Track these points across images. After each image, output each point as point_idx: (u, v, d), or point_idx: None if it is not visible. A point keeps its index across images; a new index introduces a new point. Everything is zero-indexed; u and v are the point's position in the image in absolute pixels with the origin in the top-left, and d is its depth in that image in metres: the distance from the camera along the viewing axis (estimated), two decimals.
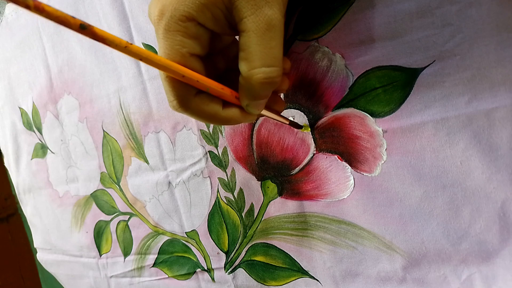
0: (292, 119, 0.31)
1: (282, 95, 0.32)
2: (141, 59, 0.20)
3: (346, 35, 0.28)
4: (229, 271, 0.39)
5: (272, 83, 0.22)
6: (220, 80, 0.23)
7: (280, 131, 0.33)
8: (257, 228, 0.36)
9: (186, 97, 0.23)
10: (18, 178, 0.59)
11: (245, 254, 0.37)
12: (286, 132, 0.32)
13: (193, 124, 0.37)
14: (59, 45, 0.46)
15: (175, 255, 0.43)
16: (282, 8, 0.22)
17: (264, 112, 0.26)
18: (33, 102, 0.51)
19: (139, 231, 0.45)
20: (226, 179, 0.37)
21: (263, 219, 0.35)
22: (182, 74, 0.21)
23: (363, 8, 0.27)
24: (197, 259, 0.41)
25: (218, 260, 0.40)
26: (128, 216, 0.46)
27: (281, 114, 0.31)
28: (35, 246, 0.61)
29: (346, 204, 0.31)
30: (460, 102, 0.25)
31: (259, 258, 0.37)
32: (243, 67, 0.22)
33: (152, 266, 0.45)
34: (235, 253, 0.38)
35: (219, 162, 0.37)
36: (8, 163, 0.60)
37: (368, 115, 0.28)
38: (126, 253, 0.47)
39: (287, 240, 0.35)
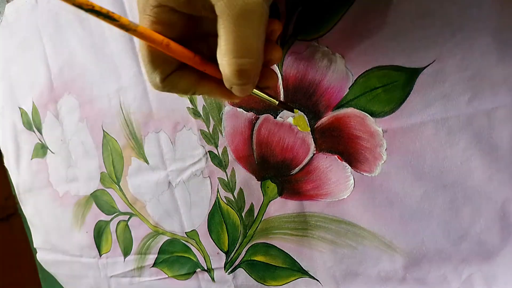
0: (282, 100, 0.29)
1: (282, 95, 0.32)
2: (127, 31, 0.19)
3: (346, 35, 0.28)
4: (229, 271, 0.39)
5: (245, 75, 0.20)
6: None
7: (280, 131, 0.33)
8: (257, 228, 0.36)
9: (164, 73, 0.22)
10: (18, 178, 0.59)
11: (245, 254, 0.37)
12: (286, 132, 0.32)
13: (193, 124, 0.37)
14: (59, 45, 0.46)
15: (175, 255, 0.43)
16: None
17: (253, 91, 0.25)
18: (33, 102, 0.51)
19: (139, 231, 0.45)
20: (226, 179, 0.37)
21: (263, 219, 0.35)
22: (166, 44, 0.21)
23: (363, 8, 0.27)
24: (197, 259, 0.41)
25: (218, 260, 0.40)
26: (128, 216, 0.46)
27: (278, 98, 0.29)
28: (35, 246, 0.60)
29: (346, 204, 0.31)
30: (460, 102, 0.25)
31: (259, 258, 0.37)
32: (218, 54, 0.20)
33: (152, 266, 0.45)
34: (235, 253, 0.38)
35: (219, 162, 0.37)
36: (8, 163, 0.59)
37: (368, 115, 0.28)
38: (126, 253, 0.47)
39: (287, 240, 0.35)
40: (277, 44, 0.24)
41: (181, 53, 0.21)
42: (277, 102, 0.28)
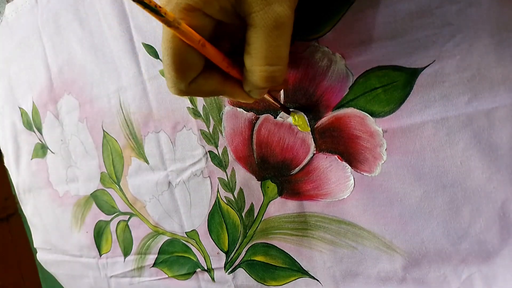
0: (282, 103, 0.31)
1: (282, 95, 0.32)
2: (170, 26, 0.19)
3: (346, 35, 0.28)
4: (229, 271, 0.39)
5: (274, 81, 0.22)
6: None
7: (280, 131, 0.33)
8: (257, 228, 0.36)
9: (187, 79, 0.22)
10: (18, 178, 0.59)
11: (245, 254, 0.37)
12: (286, 132, 0.32)
13: (193, 124, 0.37)
14: (59, 45, 0.46)
15: (175, 255, 0.43)
16: (293, 4, 0.21)
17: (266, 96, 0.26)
18: (33, 102, 0.51)
19: (139, 231, 0.45)
20: (226, 179, 0.37)
21: (263, 219, 0.36)
22: (202, 43, 0.21)
23: (363, 8, 0.27)
24: (197, 259, 0.41)
25: (218, 260, 0.40)
26: (128, 216, 0.46)
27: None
28: (35, 246, 0.61)
29: (346, 204, 0.31)
30: (460, 102, 0.25)
31: (259, 258, 0.37)
32: (247, 61, 0.22)
33: (152, 266, 0.45)
34: (235, 253, 0.38)
35: (219, 162, 0.37)
36: (8, 163, 0.59)
37: (368, 115, 0.28)
38: (126, 253, 0.47)
39: (287, 240, 0.35)
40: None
41: (214, 54, 0.22)
42: (279, 105, 0.29)
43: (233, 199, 0.37)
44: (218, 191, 0.38)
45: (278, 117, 0.32)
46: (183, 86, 0.23)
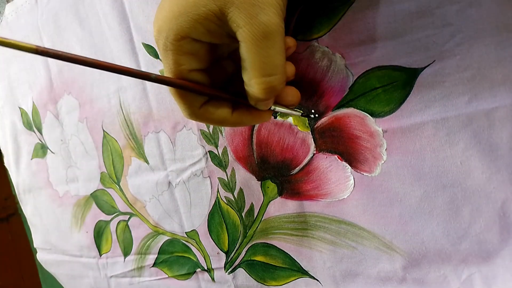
0: (302, 112, 0.31)
1: None
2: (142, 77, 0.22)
3: (346, 35, 0.28)
4: (229, 271, 0.39)
5: (273, 91, 0.22)
6: (232, 82, 0.24)
7: (280, 131, 0.33)
8: (257, 228, 0.36)
9: (193, 106, 0.24)
10: (18, 178, 0.59)
11: (245, 254, 0.37)
12: (286, 132, 0.32)
13: (193, 124, 0.37)
14: (59, 45, 0.46)
15: (175, 255, 0.43)
16: (280, 10, 0.21)
17: (276, 107, 0.26)
18: (33, 102, 0.51)
19: (139, 231, 0.45)
20: (226, 179, 0.37)
21: (263, 219, 0.36)
22: (180, 86, 0.23)
23: (363, 8, 0.27)
24: (197, 259, 0.41)
25: (218, 260, 0.40)
26: (128, 216, 0.46)
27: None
28: (35, 246, 0.60)
29: (346, 204, 0.31)
30: (460, 102, 0.25)
31: (259, 258, 0.37)
32: (244, 76, 0.22)
33: (152, 266, 0.45)
34: (235, 253, 0.38)
35: (219, 162, 0.37)
36: (8, 163, 0.59)
37: (368, 115, 0.28)
38: (126, 253, 0.47)
39: (287, 240, 0.35)
40: (289, 61, 0.26)
41: (193, 86, 0.23)
42: (300, 114, 0.29)
43: (233, 199, 0.37)
44: (218, 191, 0.38)
45: (278, 117, 0.32)
46: (191, 111, 0.24)
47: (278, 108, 0.26)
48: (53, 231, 0.56)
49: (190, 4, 0.20)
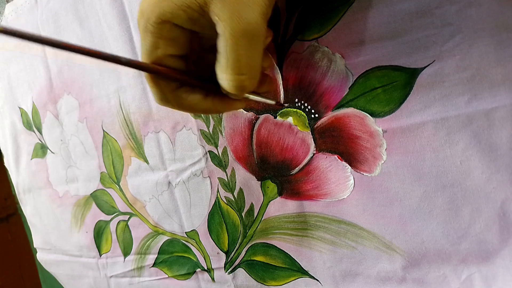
0: (276, 101, 0.30)
1: (281, 94, 0.32)
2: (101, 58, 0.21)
3: (346, 35, 0.28)
4: (229, 271, 0.39)
5: (243, 89, 0.22)
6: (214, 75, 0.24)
7: (280, 131, 0.33)
8: (257, 228, 0.36)
9: (166, 91, 0.23)
10: (18, 178, 0.59)
11: (245, 254, 0.37)
12: (286, 132, 0.32)
13: (193, 124, 0.37)
14: None
15: (175, 255, 0.43)
16: (266, 10, 0.20)
17: (250, 96, 0.25)
18: (33, 102, 0.51)
19: (139, 231, 0.45)
20: (226, 179, 0.37)
21: (263, 219, 0.35)
22: (150, 69, 0.22)
23: (363, 8, 0.27)
24: (197, 259, 0.41)
25: (218, 260, 0.40)
26: (128, 216, 0.46)
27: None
28: (35, 246, 0.60)
29: (346, 204, 0.31)
30: (460, 102, 0.25)
31: (259, 258, 0.37)
32: (217, 69, 0.22)
33: (152, 266, 0.45)
34: (235, 253, 0.38)
35: (219, 162, 0.37)
36: (8, 163, 0.59)
37: (368, 115, 0.28)
38: (126, 253, 0.47)
39: (287, 240, 0.35)
40: (267, 52, 0.26)
41: (167, 71, 0.23)
42: (274, 102, 0.29)
43: (233, 199, 0.37)
44: (218, 191, 0.38)
45: (277, 117, 0.32)
46: (162, 96, 0.24)
47: (252, 97, 0.26)
48: (53, 231, 0.56)
49: None
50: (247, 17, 0.19)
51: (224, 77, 0.21)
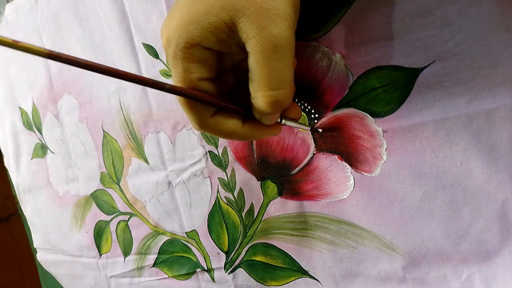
0: (306, 124, 0.31)
1: None
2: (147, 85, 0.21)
3: (346, 35, 0.28)
4: (229, 271, 0.39)
5: (279, 105, 0.22)
6: (231, 95, 0.24)
7: None
8: (257, 228, 0.36)
9: (203, 117, 0.23)
10: (18, 178, 0.59)
11: (245, 254, 0.37)
12: (286, 132, 0.32)
13: None
14: (59, 45, 0.46)
15: (175, 255, 0.43)
16: (292, 23, 0.20)
17: (287, 122, 0.26)
18: (33, 102, 0.51)
19: (139, 231, 0.45)
20: (226, 179, 0.37)
21: (263, 219, 0.35)
22: (193, 96, 0.22)
23: (363, 8, 0.27)
24: (197, 259, 0.41)
25: (218, 260, 0.40)
26: (128, 216, 0.46)
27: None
28: (35, 246, 0.60)
29: (346, 204, 0.31)
30: (460, 102, 0.25)
31: (259, 258, 0.37)
32: (251, 88, 0.22)
33: (152, 266, 0.45)
34: (235, 253, 0.38)
35: (219, 162, 0.37)
36: (8, 163, 0.59)
37: (368, 115, 0.28)
38: (126, 253, 0.47)
39: (287, 240, 0.35)
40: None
41: (201, 96, 0.23)
42: (309, 129, 0.29)
43: (233, 199, 0.37)
44: (218, 191, 0.38)
45: None
46: (201, 122, 0.24)
47: (289, 123, 0.26)
48: (53, 231, 0.56)
49: (201, 13, 0.20)
50: (275, 31, 0.19)
51: (259, 95, 0.21)
